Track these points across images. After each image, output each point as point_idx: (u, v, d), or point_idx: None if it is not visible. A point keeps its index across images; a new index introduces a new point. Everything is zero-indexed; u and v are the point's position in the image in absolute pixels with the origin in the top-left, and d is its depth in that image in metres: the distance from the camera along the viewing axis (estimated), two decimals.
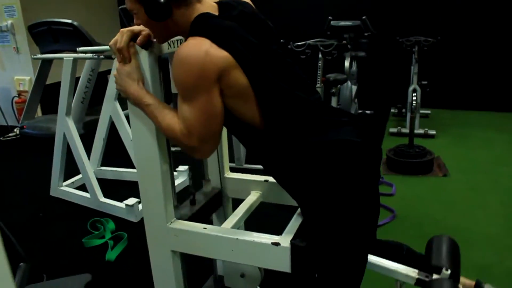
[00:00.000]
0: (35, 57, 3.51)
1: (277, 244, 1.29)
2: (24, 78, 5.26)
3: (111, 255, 2.50)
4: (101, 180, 3.24)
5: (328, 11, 4.54)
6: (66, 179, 3.41)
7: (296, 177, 1.33)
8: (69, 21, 3.64)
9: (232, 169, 1.83)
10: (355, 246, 1.30)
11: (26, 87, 5.21)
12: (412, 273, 1.46)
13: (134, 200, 2.90)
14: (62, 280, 2.16)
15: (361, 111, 4.79)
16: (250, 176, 1.79)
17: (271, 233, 1.37)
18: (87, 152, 3.17)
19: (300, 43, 3.69)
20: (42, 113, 5.21)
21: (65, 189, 3.29)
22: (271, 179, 1.73)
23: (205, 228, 1.40)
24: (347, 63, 4.28)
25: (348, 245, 1.28)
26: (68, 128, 3.06)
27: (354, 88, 4.31)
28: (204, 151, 1.30)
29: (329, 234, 1.27)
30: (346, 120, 1.32)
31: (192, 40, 1.19)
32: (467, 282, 1.54)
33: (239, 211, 1.60)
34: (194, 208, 1.63)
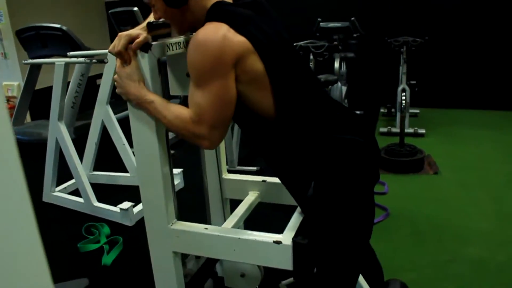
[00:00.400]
0: (26, 62, 3.48)
1: (279, 242, 1.30)
2: (13, 84, 5.21)
3: (107, 259, 2.49)
4: (94, 185, 3.22)
5: (317, 13, 4.58)
6: (59, 185, 3.39)
7: (299, 172, 1.34)
8: (58, 25, 3.62)
9: None
10: (355, 244, 1.32)
11: (15, 93, 5.16)
12: None
13: (129, 204, 2.90)
14: (60, 285, 2.15)
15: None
16: (248, 177, 1.81)
17: (270, 232, 1.38)
18: (79, 157, 3.15)
19: None
20: (31, 118, 5.16)
21: (58, 194, 3.27)
22: (268, 179, 1.75)
23: (206, 228, 1.41)
24: (336, 64, 4.32)
25: (349, 242, 1.30)
26: (61, 133, 3.04)
27: (344, 89, 4.35)
28: (213, 139, 1.27)
29: (331, 231, 1.29)
30: (351, 119, 1.35)
31: (210, 25, 1.20)
32: None
33: (239, 211, 1.62)
34: (200, 262, 1.71)
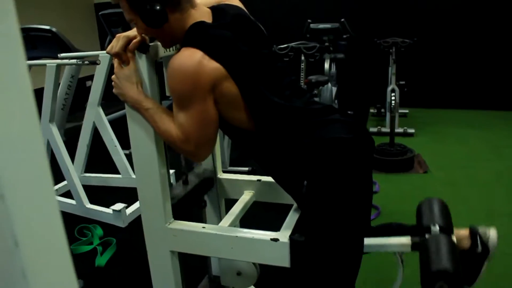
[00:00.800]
0: None
1: (276, 239, 1.32)
2: None
3: (100, 260, 2.49)
4: (86, 187, 3.21)
5: (307, 14, 4.61)
6: None
7: (290, 175, 1.38)
8: (47, 27, 3.61)
9: None
10: (352, 238, 1.35)
11: None
12: (406, 240, 1.45)
13: (121, 205, 2.90)
14: None
15: None
16: (243, 176, 1.82)
17: (266, 231, 1.40)
18: (70, 159, 3.14)
19: (283, 46, 3.75)
20: None
21: None
22: (263, 178, 1.77)
23: (204, 227, 1.43)
24: (327, 65, 4.35)
25: (345, 238, 1.33)
26: (52, 135, 3.03)
27: (334, 89, 4.39)
28: (200, 156, 1.36)
29: (326, 227, 1.31)
30: (337, 117, 1.36)
31: (186, 51, 1.23)
32: (462, 233, 1.57)
33: (235, 210, 1.63)
34: (187, 188, 1.65)
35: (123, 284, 2.31)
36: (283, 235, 1.34)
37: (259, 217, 2.34)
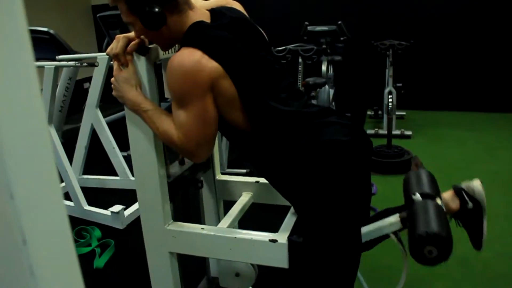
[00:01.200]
0: None
1: (274, 240, 1.33)
2: None
3: (99, 262, 2.49)
4: (84, 189, 3.21)
5: (304, 17, 4.63)
6: None
7: (285, 177, 1.38)
8: (45, 29, 3.61)
9: None
10: (350, 240, 1.35)
11: None
12: (394, 218, 1.41)
13: (120, 207, 2.90)
14: None
15: None
16: (242, 178, 1.84)
17: (265, 232, 1.41)
18: (68, 161, 3.14)
19: (280, 48, 3.76)
20: None
21: None
22: (262, 180, 1.78)
23: (202, 228, 1.44)
24: (324, 67, 4.37)
25: (343, 239, 1.33)
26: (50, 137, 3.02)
27: (332, 92, 4.40)
28: (200, 155, 1.35)
29: (324, 228, 1.32)
30: (334, 119, 1.37)
31: (185, 50, 1.24)
32: (447, 195, 1.53)
33: (233, 212, 1.64)
34: (184, 168, 1.66)
35: (122, 286, 2.32)
36: (282, 236, 1.35)
37: (257, 218, 2.35)
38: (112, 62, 1.37)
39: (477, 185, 1.52)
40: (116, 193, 3.38)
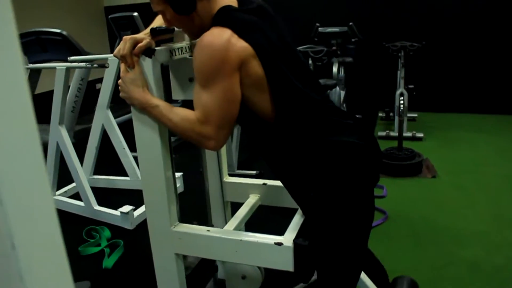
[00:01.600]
0: (26, 67, 3.50)
1: (280, 244, 1.33)
2: None
3: (108, 262, 2.51)
4: (94, 189, 3.24)
5: (316, 18, 4.62)
6: (59, 188, 3.40)
7: (299, 173, 1.37)
8: (58, 30, 3.65)
9: None
10: (356, 245, 1.34)
11: None
12: None
13: (129, 207, 2.91)
14: None
15: None
16: (249, 180, 1.83)
17: (270, 235, 1.41)
18: (79, 161, 3.17)
19: None
20: None
21: (58, 198, 3.29)
22: (269, 182, 1.78)
23: (208, 230, 1.44)
24: (335, 69, 4.35)
25: (350, 244, 1.32)
26: (61, 137, 3.06)
27: (342, 93, 4.39)
28: (219, 139, 1.30)
29: (332, 232, 1.31)
30: (351, 122, 1.37)
31: (215, 29, 1.24)
32: None
33: (240, 214, 1.64)
34: None
35: (130, 286, 2.33)
36: (287, 239, 1.34)
37: (265, 220, 2.34)
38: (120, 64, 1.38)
39: None
40: (126, 193, 3.40)
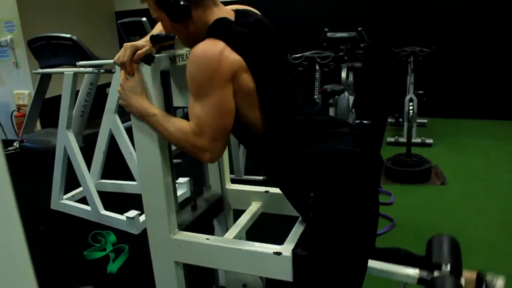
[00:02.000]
0: (36, 71, 3.54)
1: (279, 253, 1.31)
2: (24, 92, 5.29)
3: (112, 267, 2.51)
4: (101, 193, 3.25)
5: (324, 23, 4.60)
6: (67, 192, 3.42)
7: (293, 182, 1.37)
8: (68, 35, 3.69)
9: (231, 180, 1.86)
10: (355, 254, 1.32)
11: (26, 101, 5.24)
12: (413, 272, 1.45)
13: (135, 212, 2.92)
14: None
15: (358, 121, 4.83)
16: (251, 187, 1.82)
17: (272, 243, 1.39)
18: (87, 165, 3.19)
19: (297, 55, 3.73)
20: (41, 126, 5.23)
21: (65, 202, 3.31)
22: (271, 190, 1.76)
23: (207, 239, 1.43)
24: (344, 74, 4.33)
25: (348, 253, 1.31)
26: (69, 141, 3.08)
27: (351, 99, 4.36)
28: (214, 151, 1.30)
29: (330, 242, 1.29)
30: (346, 130, 1.35)
31: (208, 40, 1.25)
32: (469, 276, 1.53)
33: (241, 222, 1.63)
34: (196, 214, 1.65)
35: None
36: (286, 248, 1.33)
37: (267, 227, 2.32)
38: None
39: (500, 284, 1.50)
40: (133, 198, 3.41)
